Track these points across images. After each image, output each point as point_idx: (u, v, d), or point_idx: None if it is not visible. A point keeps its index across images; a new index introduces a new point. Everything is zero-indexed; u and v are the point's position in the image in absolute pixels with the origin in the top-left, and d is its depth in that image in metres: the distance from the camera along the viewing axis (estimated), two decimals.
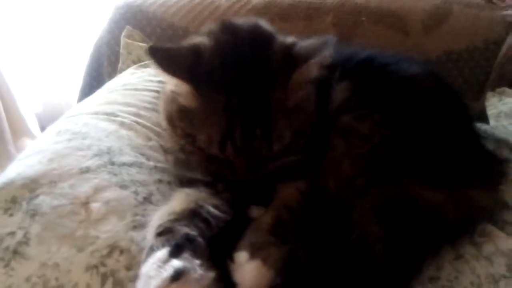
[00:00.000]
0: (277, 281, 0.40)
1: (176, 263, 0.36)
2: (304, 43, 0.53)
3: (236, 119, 0.48)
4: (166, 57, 0.50)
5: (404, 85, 0.63)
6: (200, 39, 0.55)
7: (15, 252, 0.43)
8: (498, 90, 0.98)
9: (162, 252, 0.37)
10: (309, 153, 0.57)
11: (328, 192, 0.55)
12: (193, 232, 0.41)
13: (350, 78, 0.63)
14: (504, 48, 1.03)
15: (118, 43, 0.98)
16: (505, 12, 1.07)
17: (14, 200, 0.47)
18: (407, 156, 0.56)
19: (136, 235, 0.45)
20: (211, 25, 0.58)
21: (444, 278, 0.50)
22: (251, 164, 0.51)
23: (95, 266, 0.42)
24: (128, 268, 0.42)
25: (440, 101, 0.65)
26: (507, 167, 0.68)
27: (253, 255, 0.42)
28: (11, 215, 0.45)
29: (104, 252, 0.43)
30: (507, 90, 0.97)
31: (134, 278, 0.42)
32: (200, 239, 0.41)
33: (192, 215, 0.44)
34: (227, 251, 0.44)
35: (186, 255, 0.37)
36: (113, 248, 0.43)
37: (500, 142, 0.77)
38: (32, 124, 1.65)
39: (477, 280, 0.50)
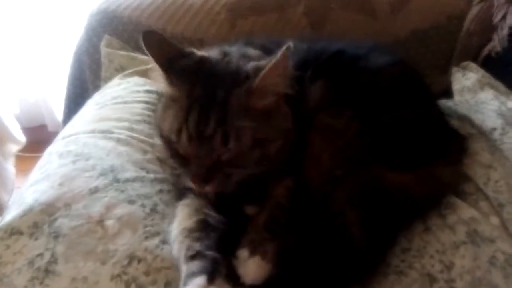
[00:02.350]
0: (274, 272, 0.48)
1: None
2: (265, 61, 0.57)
3: (194, 105, 0.53)
4: (155, 43, 0.57)
5: (372, 79, 0.69)
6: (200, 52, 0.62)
7: (47, 271, 0.49)
8: (462, 64, 1.05)
9: (202, 279, 0.45)
10: (292, 150, 0.64)
11: (312, 185, 0.62)
12: (216, 255, 0.49)
13: (323, 77, 0.69)
14: (467, 23, 1.10)
15: (97, 51, 1.00)
16: None
17: (36, 225, 0.53)
18: (378, 145, 0.63)
19: (149, 244, 0.52)
20: (212, 50, 0.65)
21: (414, 248, 0.59)
22: (206, 162, 0.52)
23: (119, 275, 0.49)
24: (147, 274, 0.50)
25: (405, 88, 0.71)
26: (469, 142, 0.77)
27: (253, 251, 0.49)
28: (36, 239, 0.52)
29: (125, 262, 0.50)
30: (471, 64, 1.03)
31: (152, 282, 0.49)
32: (222, 261, 0.49)
33: (205, 225, 0.52)
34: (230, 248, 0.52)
35: (219, 280, 0.46)
36: (131, 258, 0.50)
37: (463, 118, 0.85)
38: (15, 129, 1.65)
39: (442, 247, 0.58)
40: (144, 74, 0.88)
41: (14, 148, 1.65)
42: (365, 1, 1.08)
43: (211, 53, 0.65)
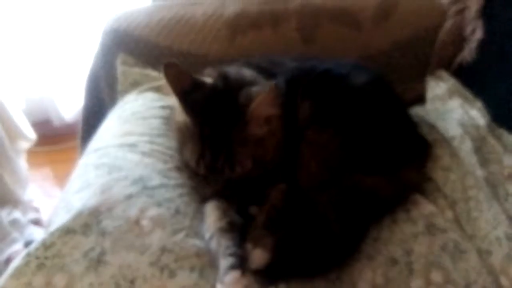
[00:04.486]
0: (273, 259, 0.63)
1: (244, 281, 0.60)
2: (256, 88, 0.71)
3: (206, 145, 0.68)
4: (173, 75, 0.70)
5: (351, 98, 0.82)
6: (207, 79, 0.76)
7: (99, 260, 0.63)
8: (436, 73, 1.18)
9: (237, 272, 0.60)
10: (287, 159, 0.78)
11: (302, 188, 0.77)
12: (243, 252, 0.63)
13: (311, 97, 0.83)
14: (441, 34, 1.22)
15: (112, 66, 1.12)
16: (443, 1, 1.25)
17: (86, 225, 0.66)
18: (355, 155, 0.77)
19: (176, 238, 0.67)
20: (214, 72, 0.78)
21: (382, 237, 0.73)
22: (220, 182, 0.71)
23: (154, 263, 0.64)
24: (176, 261, 0.64)
25: (380, 104, 0.84)
26: (434, 147, 0.91)
27: (255, 244, 0.64)
28: (87, 236, 0.66)
29: (158, 253, 0.64)
30: (443, 73, 1.16)
31: (180, 267, 0.64)
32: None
33: (233, 227, 0.68)
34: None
35: (247, 273, 0.60)
36: (163, 250, 0.65)
37: (431, 125, 0.99)
38: (25, 126, 1.73)
39: (404, 237, 0.73)
40: (157, 90, 1.01)
41: (24, 145, 1.74)
42: (350, 15, 1.18)
43: (212, 73, 0.78)
